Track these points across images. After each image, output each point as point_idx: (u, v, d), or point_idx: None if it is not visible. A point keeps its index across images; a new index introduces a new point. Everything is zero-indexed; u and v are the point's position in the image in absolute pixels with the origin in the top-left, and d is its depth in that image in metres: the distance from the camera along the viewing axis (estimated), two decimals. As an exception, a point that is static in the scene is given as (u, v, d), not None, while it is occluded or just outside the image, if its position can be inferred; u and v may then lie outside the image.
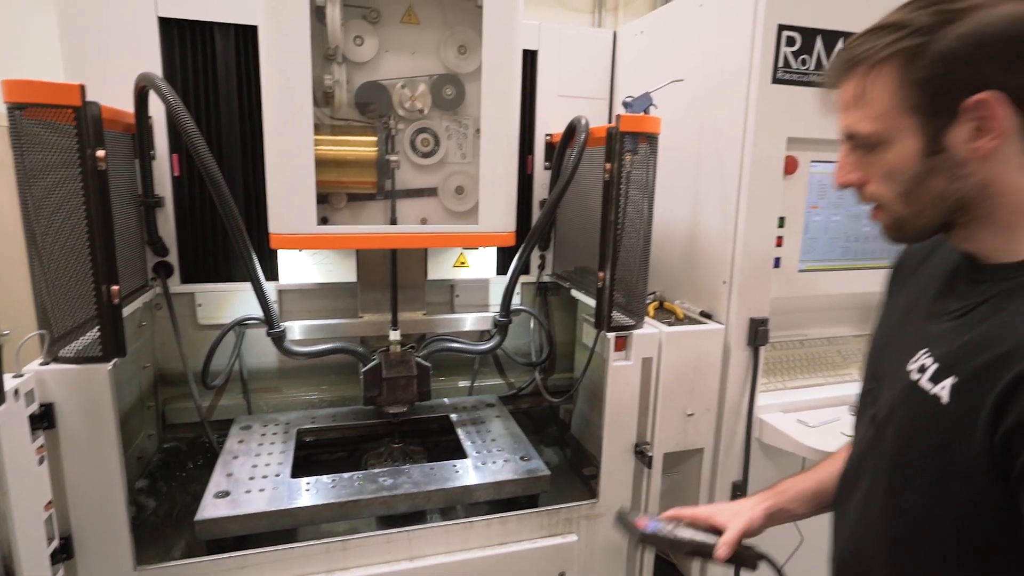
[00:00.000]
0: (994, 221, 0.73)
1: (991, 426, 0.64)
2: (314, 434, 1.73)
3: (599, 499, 1.54)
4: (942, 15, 0.67)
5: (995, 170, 0.70)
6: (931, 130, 0.70)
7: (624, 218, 1.40)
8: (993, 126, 0.67)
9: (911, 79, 0.70)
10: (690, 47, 1.64)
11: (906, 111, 0.71)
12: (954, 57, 0.67)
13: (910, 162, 0.72)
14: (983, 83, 0.66)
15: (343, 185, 1.48)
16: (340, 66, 1.44)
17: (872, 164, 0.76)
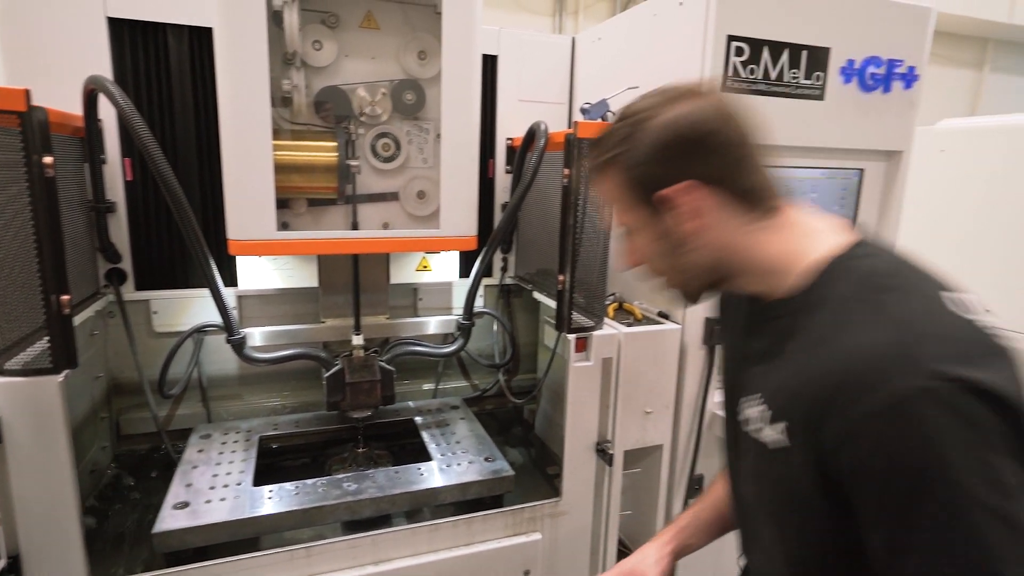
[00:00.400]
0: (750, 272, 0.82)
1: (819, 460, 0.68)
2: (276, 441, 1.71)
3: (562, 497, 1.57)
4: (633, 126, 0.80)
5: (722, 239, 0.80)
6: (654, 219, 0.82)
7: (583, 222, 1.43)
8: (689, 211, 0.78)
9: (627, 180, 0.82)
10: (645, 55, 1.68)
11: (635, 205, 0.83)
12: (645, 160, 0.79)
13: (655, 245, 0.85)
14: (672, 177, 0.78)
15: (303, 190, 1.47)
16: (299, 70, 1.43)
17: (635, 251, 0.89)
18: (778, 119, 1.54)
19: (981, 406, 0.58)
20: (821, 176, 1.68)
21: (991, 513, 0.57)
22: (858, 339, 0.66)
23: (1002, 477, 0.58)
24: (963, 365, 0.60)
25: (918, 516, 0.60)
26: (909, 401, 0.59)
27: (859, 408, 0.62)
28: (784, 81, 1.52)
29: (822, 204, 1.70)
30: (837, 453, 0.65)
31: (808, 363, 0.71)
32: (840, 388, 0.65)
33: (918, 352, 0.62)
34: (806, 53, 1.53)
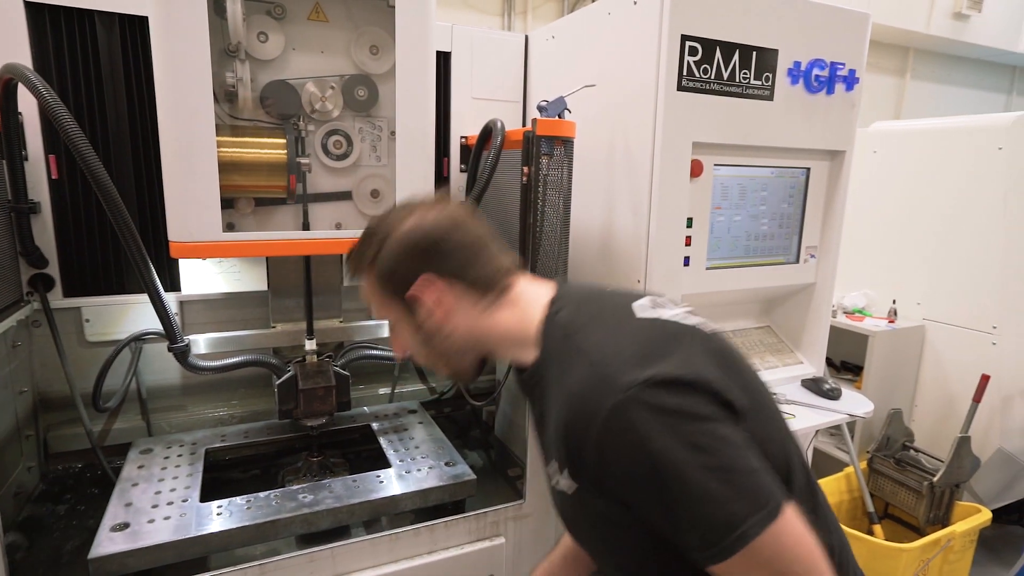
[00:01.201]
0: (500, 346, 0.94)
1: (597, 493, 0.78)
2: (224, 453, 1.62)
3: (525, 500, 1.55)
4: (380, 241, 0.91)
5: (467, 322, 0.92)
6: (408, 315, 0.93)
7: (543, 220, 1.42)
8: (433, 303, 0.90)
9: (379, 284, 0.93)
10: (600, 53, 1.69)
11: (390, 304, 0.94)
12: (391, 267, 0.91)
13: (414, 337, 0.95)
14: (414, 277, 0.90)
15: (250, 189, 1.40)
16: (243, 63, 1.36)
17: (400, 343, 0.99)
18: (731, 119, 1.58)
19: (666, 394, 0.71)
20: (771, 175, 1.73)
21: (705, 472, 0.69)
22: (569, 383, 0.79)
23: (700, 441, 0.70)
24: (642, 367, 0.73)
25: (667, 498, 0.71)
26: (616, 415, 0.71)
27: (590, 437, 0.73)
28: (736, 81, 1.56)
29: (772, 202, 1.75)
30: (602, 477, 0.76)
31: (555, 415, 0.81)
32: (573, 428, 0.76)
33: (607, 374, 0.74)
34: (756, 54, 1.57)
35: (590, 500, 0.81)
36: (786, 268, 1.82)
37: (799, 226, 1.81)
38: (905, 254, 2.97)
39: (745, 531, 0.68)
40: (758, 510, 0.69)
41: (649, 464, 0.70)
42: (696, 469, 0.69)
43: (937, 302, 2.86)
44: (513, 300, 0.93)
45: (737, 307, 1.88)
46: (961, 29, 6.17)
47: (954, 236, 2.78)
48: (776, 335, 1.95)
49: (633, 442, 0.71)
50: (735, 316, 1.90)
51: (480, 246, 0.93)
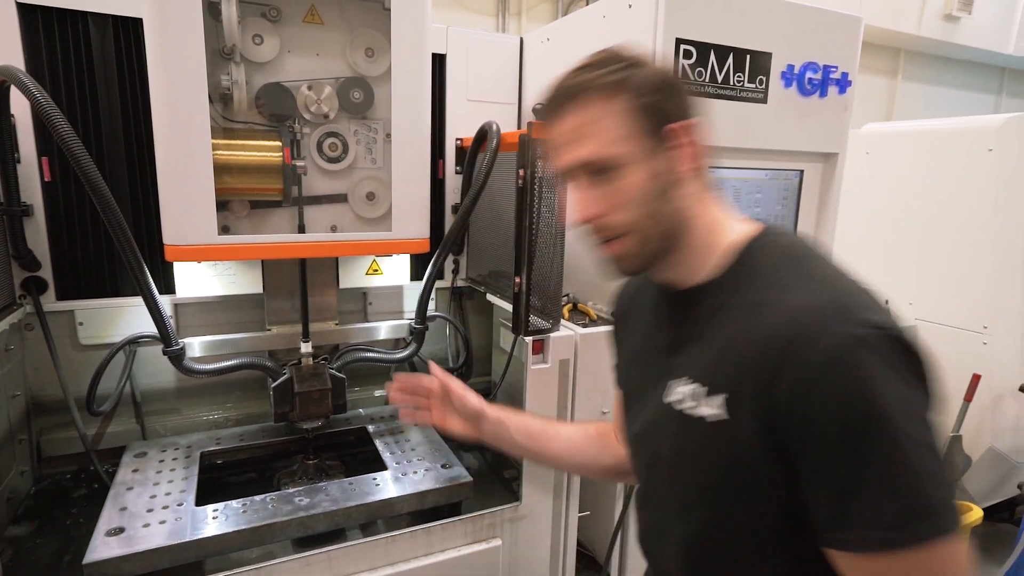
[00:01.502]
0: (690, 243, 0.81)
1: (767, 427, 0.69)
2: (220, 456, 1.62)
3: (522, 501, 1.56)
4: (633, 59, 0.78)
5: (685, 198, 0.79)
6: (652, 153, 0.76)
7: (538, 223, 1.43)
8: (690, 152, 0.77)
9: (635, 107, 0.75)
10: (595, 56, 1.69)
11: (636, 136, 0.76)
12: (656, 88, 0.76)
13: (645, 185, 0.77)
14: (682, 112, 0.77)
15: (246, 192, 1.39)
16: (238, 66, 1.36)
17: (611, 194, 0.78)
18: (725, 121, 1.59)
19: (897, 349, 0.66)
20: (765, 177, 1.74)
21: (915, 443, 0.63)
22: (798, 300, 0.70)
23: (917, 409, 0.65)
24: (877, 315, 0.68)
25: (866, 454, 0.63)
26: (849, 349, 0.65)
27: (809, 359, 0.66)
28: (730, 84, 1.57)
29: (766, 204, 1.76)
30: (789, 409, 0.67)
31: (750, 330, 0.72)
32: (791, 343, 0.68)
33: (848, 305, 0.68)
34: (749, 57, 1.58)
35: (736, 435, 0.72)
36: (780, 269, 1.83)
37: (793, 227, 1.83)
38: (897, 254, 2.99)
39: (940, 524, 0.62)
40: (954, 510, 0.63)
41: (863, 411, 0.63)
42: (910, 439, 0.63)
43: (928, 302, 2.88)
44: (718, 201, 0.82)
45: (731, 308, 1.89)
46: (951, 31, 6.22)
47: (945, 237, 2.81)
48: (770, 336, 1.97)
49: (857, 380, 0.63)
50: (729, 317, 1.91)
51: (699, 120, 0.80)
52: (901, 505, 0.63)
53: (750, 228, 0.82)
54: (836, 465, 0.65)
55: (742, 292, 0.77)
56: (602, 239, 0.81)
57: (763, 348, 0.70)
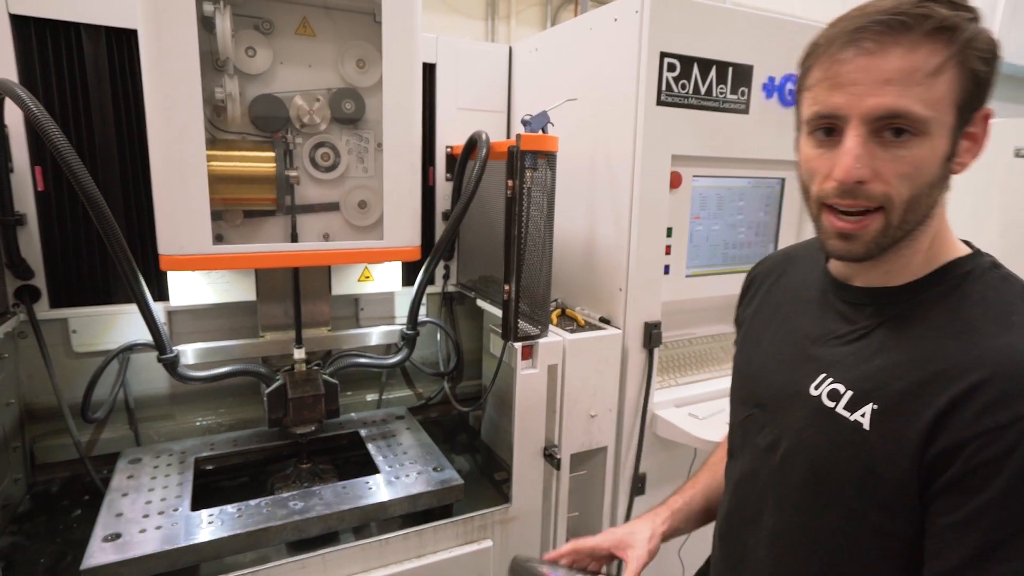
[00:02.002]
0: (918, 242, 0.72)
1: (921, 450, 0.65)
2: (214, 461, 1.64)
3: (512, 503, 1.59)
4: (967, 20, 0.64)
5: (941, 194, 0.70)
6: (957, 134, 0.66)
7: (527, 232, 1.46)
8: (979, 143, 0.69)
9: (969, 68, 0.63)
10: (582, 67, 1.73)
11: (953, 105, 0.64)
12: (986, 62, 0.64)
13: (937, 164, 0.66)
14: (985, 99, 0.66)
15: (240, 202, 1.42)
16: (232, 78, 1.38)
17: (895, 159, 0.65)
18: (708, 132, 1.63)
19: None
20: (748, 185, 1.78)
21: None
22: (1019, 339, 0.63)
23: None
24: None
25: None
26: None
27: (1017, 404, 0.60)
28: (713, 96, 1.61)
29: (748, 211, 1.81)
30: (958, 446, 0.62)
31: (945, 351, 0.66)
32: (996, 376, 0.62)
33: None
34: (732, 70, 1.62)
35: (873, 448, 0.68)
36: (763, 275, 1.88)
37: (775, 234, 1.87)
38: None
39: None
40: None
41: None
42: None
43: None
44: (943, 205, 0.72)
45: (716, 312, 1.94)
46: (933, 35, 6.33)
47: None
48: (754, 339, 2.01)
49: None
50: (714, 321, 1.96)
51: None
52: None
53: (960, 244, 0.75)
54: (982, 523, 0.61)
55: (937, 310, 0.70)
56: (849, 208, 0.69)
57: (958, 373, 0.64)
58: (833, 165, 0.68)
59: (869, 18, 0.64)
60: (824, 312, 0.81)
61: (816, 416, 0.75)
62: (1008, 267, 0.74)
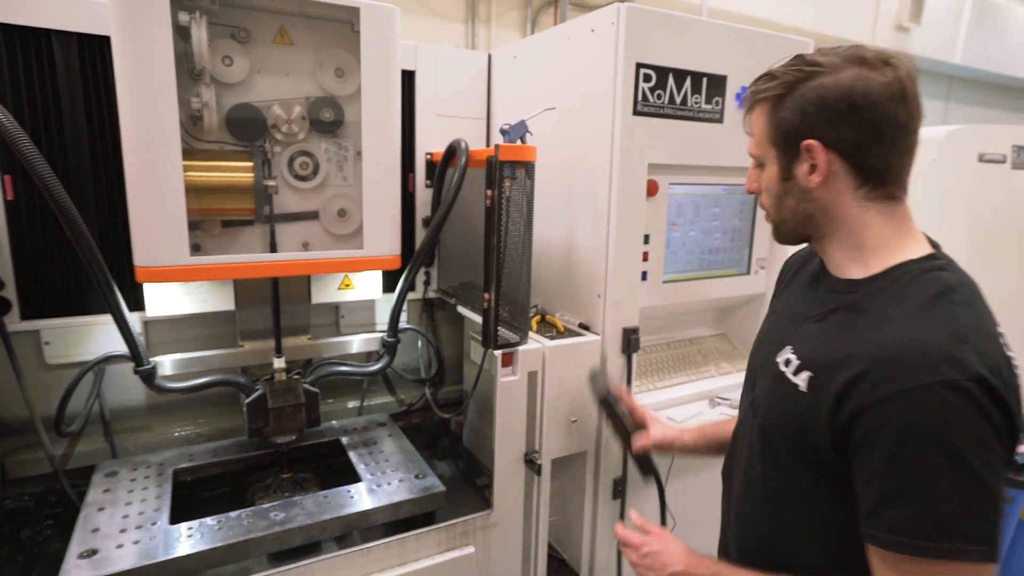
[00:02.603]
0: (838, 239, 0.93)
1: (832, 414, 0.84)
2: (192, 473, 1.62)
3: (493, 509, 1.60)
4: (801, 73, 0.88)
5: (833, 200, 0.91)
6: (785, 161, 0.92)
7: (506, 241, 1.47)
8: (818, 167, 0.89)
9: (774, 120, 0.91)
10: (560, 76, 1.75)
11: (771, 143, 0.93)
12: (800, 109, 0.88)
13: (774, 182, 0.95)
14: (813, 133, 0.88)
15: (217, 212, 1.41)
16: (208, 87, 1.37)
17: (760, 180, 0.98)
18: (684, 141, 1.66)
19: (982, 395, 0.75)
20: (722, 192, 1.82)
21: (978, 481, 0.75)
22: (919, 331, 0.80)
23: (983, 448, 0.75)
24: (974, 364, 0.76)
25: (925, 467, 0.76)
26: (940, 389, 0.75)
27: (900, 382, 0.77)
28: (688, 106, 1.64)
29: (724, 218, 1.85)
30: (856, 414, 0.81)
31: (863, 336, 0.85)
32: (885, 361, 0.80)
33: (960, 353, 0.77)
34: (706, 80, 1.65)
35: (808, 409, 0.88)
36: (738, 279, 1.92)
37: (750, 240, 1.91)
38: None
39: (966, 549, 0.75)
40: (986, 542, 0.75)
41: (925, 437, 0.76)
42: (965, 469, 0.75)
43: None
44: (894, 216, 0.90)
45: (693, 316, 1.97)
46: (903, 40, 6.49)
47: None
48: (731, 342, 2.05)
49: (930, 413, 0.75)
50: (692, 325, 1.99)
51: (894, 135, 0.86)
52: (935, 523, 0.75)
53: (915, 250, 0.90)
54: (881, 474, 0.79)
55: (882, 304, 0.86)
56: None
57: (864, 355, 0.82)
58: None
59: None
60: (813, 295, 1.01)
61: (774, 379, 0.97)
62: (972, 266, 0.90)
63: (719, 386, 1.88)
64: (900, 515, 0.78)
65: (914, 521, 0.76)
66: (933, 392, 0.76)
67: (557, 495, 1.80)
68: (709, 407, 1.80)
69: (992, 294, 0.88)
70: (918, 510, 0.76)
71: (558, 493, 1.79)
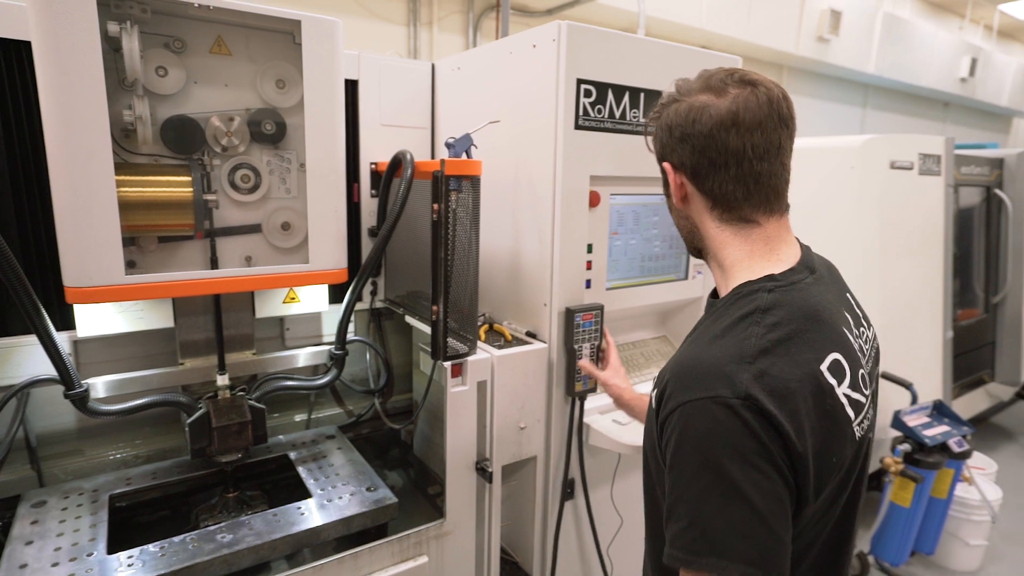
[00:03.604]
0: (712, 259, 0.99)
1: (657, 431, 0.88)
2: (131, 497, 1.56)
3: (446, 518, 1.62)
4: (668, 99, 0.95)
5: (697, 220, 0.97)
6: (664, 180, 0.99)
7: (454, 254, 1.49)
8: (675, 186, 0.96)
9: (653, 141, 0.99)
10: (504, 89, 1.78)
11: (658, 161, 0.99)
12: (659, 134, 0.96)
13: (668, 199, 1.02)
14: (665, 156, 0.96)
15: (153, 228, 1.37)
16: (141, 98, 1.33)
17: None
18: (624, 153, 1.73)
19: (747, 412, 0.77)
20: (661, 202, 1.90)
21: (738, 495, 0.75)
22: (704, 351, 0.85)
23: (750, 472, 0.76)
24: (767, 394, 0.78)
25: (693, 480, 0.78)
26: (705, 404, 0.79)
27: (680, 398, 0.81)
28: (626, 120, 1.71)
29: (663, 226, 1.93)
30: (665, 422, 0.84)
31: (676, 356, 0.90)
32: (673, 377, 0.84)
33: (735, 371, 0.79)
34: (644, 95, 1.72)
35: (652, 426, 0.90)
36: (677, 284, 2.01)
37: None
38: (780, 260, 3.31)
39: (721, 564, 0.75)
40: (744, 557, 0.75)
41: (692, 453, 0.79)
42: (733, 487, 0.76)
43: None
44: (750, 238, 0.92)
45: (636, 320, 2.05)
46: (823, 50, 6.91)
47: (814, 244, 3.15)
48: (672, 344, 2.14)
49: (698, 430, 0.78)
50: (634, 329, 2.07)
51: (727, 162, 0.87)
52: (701, 537, 0.76)
53: (757, 271, 0.91)
54: (670, 476, 0.82)
55: (706, 321, 0.92)
56: None
57: (673, 371, 0.86)
58: None
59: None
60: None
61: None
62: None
63: (661, 387, 1.96)
64: (677, 528, 0.79)
65: (685, 533, 0.77)
66: (701, 406, 0.78)
67: (508, 500, 1.84)
68: (652, 408, 1.87)
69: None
70: (688, 523, 0.77)
71: (509, 497, 1.82)
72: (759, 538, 0.75)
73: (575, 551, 1.90)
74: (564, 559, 1.85)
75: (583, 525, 1.87)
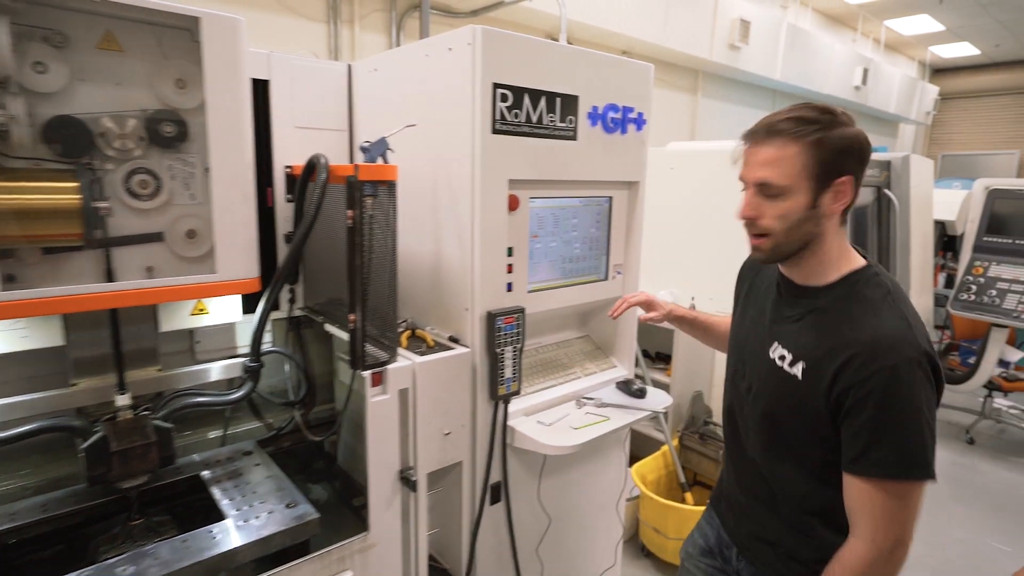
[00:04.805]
0: (812, 255, 1.22)
1: (828, 392, 1.15)
2: (17, 534, 1.43)
3: (370, 531, 1.58)
4: (831, 122, 1.13)
5: (826, 226, 1.19)
6: (816, 193, 1.15)
7: (371, 260, 1.46)
8: (843, 197, 1.17)
9: (815, 158, 1.13)
10: (421, 92, 1.76)
11: (807, 177, 1.14)
12: (836, 150, 1.13)
13: (800, 210, 1.16)
14: (847, 170, 1.15)
15: (35, 239, 1.26)
16: (16, 97, 1.22)
17: (770, 207, 1.17)
18: (541, 157, 1.75)
19: (928, 367, 1.11)
20: (579, 204, 1.94)
21: (929, 427, 1.10)
22: (882, 326, 1.13)
23: (930, 403, 1.12)
24: (921, 344, 1.11)
25: (895, 425, 1.10)
26: (908, 364, 1.09)
27: (877, 362, 1.10)
28: (544, 124, 1.73)
29: (582, 228, 1.97)
30: (847, 389, 1.12)
31: (842, 332, 1.15)
32: (866, 348, 1.11)
33: (905, 337, 1.11)
34: (560, 100, 1.75)
35: (805, 390, 1.19)
36: (598, 285, 2.05)
37: (606, 247, 2.06)
38: (699, 257, 3.46)
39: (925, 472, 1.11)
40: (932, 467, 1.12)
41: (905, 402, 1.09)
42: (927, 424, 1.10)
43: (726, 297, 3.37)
44: (840, 233, 1.22)
45: (558, 321, 2.08)
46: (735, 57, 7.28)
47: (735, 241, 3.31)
48: (593, 343, 2.19)
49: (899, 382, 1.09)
50: (557, 329, 2.10)
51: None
52: (907, 459, 1.10)
53: (859, 259, 1.23)
54: (867, 427, 1.11)
55: (844, 305, 1.18)
56: (752, 233, 1.23)
57: (847, 346, 1.13)
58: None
59: (760, 125, 1.19)
60: (779, 300, 1.32)
61: (771, 371, 1.27)
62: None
63: (585, 386, 2.00)
64: (883, 455, 1.10)
65: (893, 457, 1.10)
66: (904, 366, 1.09)
67: (437, 506, 1.82)
68: (576, 407, 1.91)
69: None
70: (895, 451, 1.09)
71: (436, 504, 1.81)
72: (934, 451, 1.11)
73: (508, 554, 1.90)
74: (494, 562, 1.85)
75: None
